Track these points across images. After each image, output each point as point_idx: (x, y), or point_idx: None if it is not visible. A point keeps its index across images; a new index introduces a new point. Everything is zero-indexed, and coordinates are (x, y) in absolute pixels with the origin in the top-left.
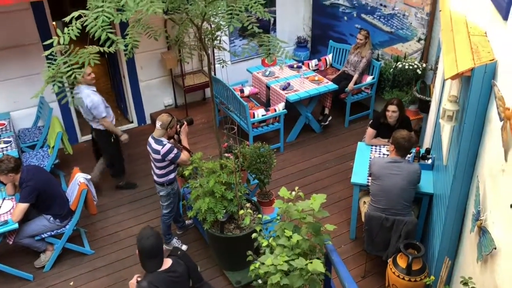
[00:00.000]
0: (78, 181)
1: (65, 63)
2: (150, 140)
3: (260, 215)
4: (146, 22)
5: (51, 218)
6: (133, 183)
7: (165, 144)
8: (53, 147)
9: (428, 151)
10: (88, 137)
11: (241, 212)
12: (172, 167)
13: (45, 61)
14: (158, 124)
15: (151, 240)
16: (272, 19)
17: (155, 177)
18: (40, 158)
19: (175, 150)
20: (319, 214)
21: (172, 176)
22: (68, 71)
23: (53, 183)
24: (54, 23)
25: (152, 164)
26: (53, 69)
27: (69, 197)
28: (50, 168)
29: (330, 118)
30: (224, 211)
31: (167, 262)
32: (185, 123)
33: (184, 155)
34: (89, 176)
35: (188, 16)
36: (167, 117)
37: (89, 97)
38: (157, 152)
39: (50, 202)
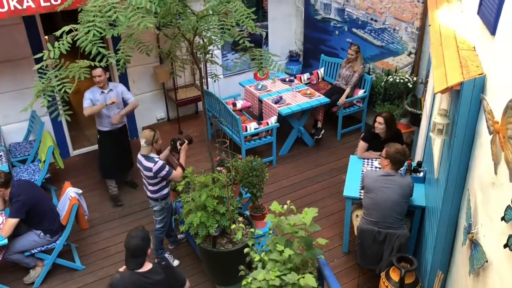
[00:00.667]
0: (69, 195)
1: (55, 76)
2: (140, 157)
3: (252, 230)
4: (138, 37)
5: (41, 234)
6: (135, 182)
7: (157, 162)
8: (44, 161)
9: (419, 164)
10: (80, 151)
11: (233, 226)
12: (164, 182)
13: (35, 69)
14: (142, 141)
15: (136, 240)
16: (264, 34)
17: (148, 193)
18: (31, 173)
19: (167, 168)
20: (311, 228)
21: (165, 191)
22: (58, 85)
23: (43, 198)
24: (46, 37)
25: (144, 181)
26: (43, 82)
27: (60, 212)
28: (41, 182)
29: (323, 131)
30: (216, 225)
31: (147, 266)
32: (186, 141)
33: (176, 172)
34: (80, 191)
35: (180, 30)
36: (150, 132)
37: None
38: (149, 169)
39: (40, 217)
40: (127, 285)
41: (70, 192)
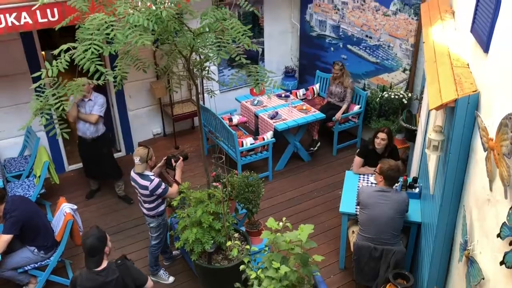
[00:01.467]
0: (64, 211)
1: (53, 95)
2: (134, 176)
3: (248, 246)
4: (135, 54)
5: (35, 250)
6: (129, 197)
7: (152, 180)
8: (39, 176)
9: (415, 180)
10: (75, 166)
11: (229, 243)
12: (161, 199)
13: (33, 91)
14: (136, 159)
15: (90, 240)
16: (260, 50)
17: (144, 210)
18: (26, 188)
19: (163, 185)
20: (307, 245)
21: (162, 208)
22: (56, 103)
23: (38, 214)
24: (43, 53)
25: (140, 199)
26: (41, 101)
27: (55, 228)
28: (35, 198)
29: (319, 144)
30: (212, 241)
31: (103, 265)
32: (181, 158)
33: (172, 189)
34: (75, 206)
35: (176, 47)
36: (144, 150)
37: None
38: (145, 188)
39: (34, 233)
40: (84, 283)
41: (65, 208)
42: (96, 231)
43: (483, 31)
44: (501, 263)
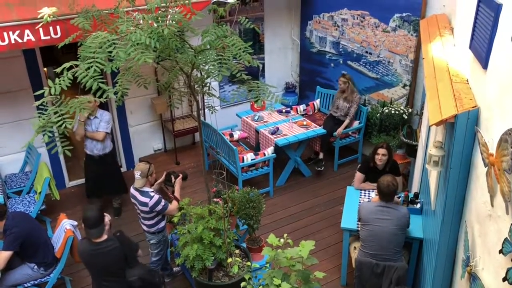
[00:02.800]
0: (65, 227)
1: (55, 113)
2: (134, 192)
3: (249, 263)
4: (136, 71)
5: (35, 267)
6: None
7: (152, 196)
8: (40, 192)
9: (416, 195)
10: (76, 182)
11: (229, 260)
12: (161, 216)
13: (34, 107)
14: (137, 174)
15: (91, 212)
16: (261, 66)
17: (144, 227)
18: (26, 204)
19: (163, 202)
20: (308, 262)
21: (162, 224)
22: (58, 121)
23: (38, 231)
24: (45, 69)
25: (140, 215)
26: (43, 119)
27: (55, 244)
28: (36, 214)
29: (323, 163)
30: (213, 258)
31: (103, 237)
32: (181, 175)
33: (172, 206)
34: (75, 223)
35: (178, 64)
36: (145, 165)
37: None
38: (145, 204)
39: (34, 250)
40: (81, 251)
41: (66, 224)
42: (95, 206)
43: (481, 48)
44: (504, 279)
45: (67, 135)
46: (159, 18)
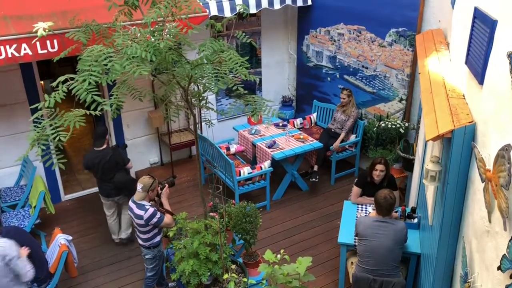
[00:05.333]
0: (59, 242)
1: (50, 125)
2: (131, 204)
3: (245, 279)
4: (132, 83)
5: (28, 282)
6: None
7: (147, 209)
8: (35, 206)
9: (413, 210)
10: (71, 195)
11: (225, 276)
12: (156, 230)
13: (31, 121)
14: (139, 186)
15: (100, 128)
16: (258, 80)
17: (140, 241)
18: (21, 218)
19: (158, 214)
20: (305, 278)
21: (158, 238)
22: (53, 133)
23: (32, 245)
24: (42, 82)
25: (136, 229)
26: (38, 132)
27: (49, 259)
28: (30, 228)
29: (318, 176)
30: (209, 273)
31: (103, 147)
32: (167, 185)
33: (167, 219)
34: (70, 237)
35: (175, 77)
36: (149, 180)
37: None
38: (140, 217)
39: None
40: (87, 158)
41: (60, 239)
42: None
43: (477, 63)
44: None
45: (62, 149)
46: (156, 32)
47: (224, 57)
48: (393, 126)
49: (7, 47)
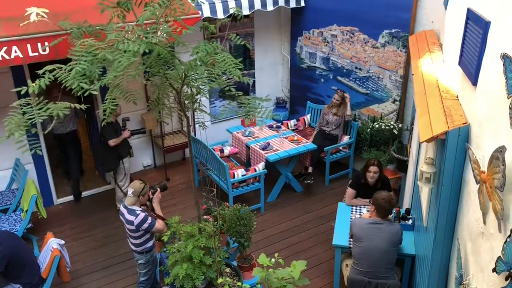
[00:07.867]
0: (51, 246)
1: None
2: (123, 209)
3: (239, 283)
4: (125, 87)
5: (20, 287)
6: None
7: (138, 214)
8: (26, 211)
9: (408, 211)
10: (64, 199)
11: (220, 280)
12: (149, 235)
13: (13, 105)
14: (130, 191)
15: None
16: (251, 82)
17: (132, 246)
18: (12, 223)
19: (149, 219)
20: (300, 282)
21: (150, 243)
22: (31, 119)
23: (24, 250)
24: (33, 85)
25: (127, 234)
26: (18, 118)
27: (41, 264)
28: (22, 233)
29: (312, 177)
30: (203, 277)
31: None
32: (158, 190)
33: (159, 224)
34: (62, 242)
35: (167, 80)
36: (140, 184)
37: None
38: (131, 223)
39: (20, 270)
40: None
41: (52, 243)
42: None
43: (471, 64)
44: None
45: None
46: (150, 33)
47: (218, 59)
48: (387, 127)
49: None
